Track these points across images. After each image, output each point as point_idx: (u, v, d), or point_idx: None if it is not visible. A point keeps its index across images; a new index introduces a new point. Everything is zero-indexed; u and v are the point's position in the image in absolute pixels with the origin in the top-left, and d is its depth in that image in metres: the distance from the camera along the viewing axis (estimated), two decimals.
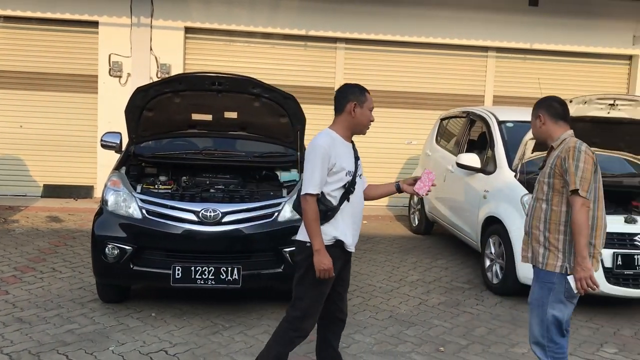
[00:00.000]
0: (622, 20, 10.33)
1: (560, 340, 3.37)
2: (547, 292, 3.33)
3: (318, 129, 10.75)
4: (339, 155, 3.32)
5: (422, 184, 3.61)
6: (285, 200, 5.07)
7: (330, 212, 3.32)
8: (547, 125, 3.47)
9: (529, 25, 10.13)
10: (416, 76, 10.25)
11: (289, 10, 9.71)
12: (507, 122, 6.85)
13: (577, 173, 3.21)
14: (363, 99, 3.41)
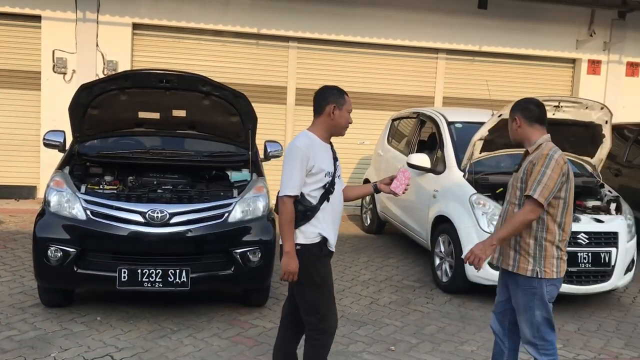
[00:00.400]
0: (567, 25, 10.64)
1: (552, 338, 3.47)
2: (532, 296, 3.40)
3: (271, 128, 10.88)
4: (317, 157, 3.31)
5: (398, 183, 3.58)
6: (235, 200, 5.00)
7: (309, 212, 3.31)
8: (522, 128, 3.47)
9: (478, 28, 10.32)
10: (368, 77, 10.30)
11: (241, 8, 9.59)
12: (456, 122, 6.95)
13: (540, 179, 3.24)
14: (342, 101, 3.40)
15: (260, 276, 5.02)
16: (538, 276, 3.35)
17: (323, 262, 3.37)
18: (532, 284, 3.38)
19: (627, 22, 10.79)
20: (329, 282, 3.42)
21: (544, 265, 3.35)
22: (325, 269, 3.39)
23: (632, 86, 11.04)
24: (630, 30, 10.84)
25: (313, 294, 3.35)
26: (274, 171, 9.48)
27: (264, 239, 4.95)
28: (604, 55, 10.87)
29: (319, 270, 3.34)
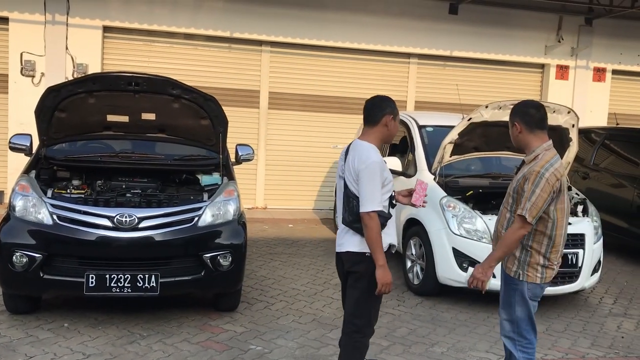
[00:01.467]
0: (535, 31, 10.83)
1: (531, 336, 3.53)
2: (513, 292, 3.50)
3: (244, 132, 10.82)
4: (386, 168, 3.42)
5: (417, 195, 3.67)
6: (206, 204, 4.96)
7: (386, 222, 3.40)
8: (523, 135, 3.44)
9: (449, 34, 10.44)
10: (341, 81, 10.34)
11: (213, 11, 9.56)
12: (427, 126, 7.02)
13: (531, 198, 3.27)
14: (396, 111, 3.50)
15: (231, 280, 4.99)
16: (520, 278, 3.45)
17: None
18: (514, 281, 3.49)
19: (594, 28, 11.03)
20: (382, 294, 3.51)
21: (527, 269, 3.43)
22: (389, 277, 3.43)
23: (599, 91, 11.29)
24: (596, 36, 11.08)
25: (372, 300, 3.47)
26: (245, 175, 9.49)
27: (234, 242, 4.92)
28: (572, 60, 11.09)
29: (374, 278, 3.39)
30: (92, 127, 5.56)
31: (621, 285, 6.85)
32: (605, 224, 6.88)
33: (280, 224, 9.23)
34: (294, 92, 10.19)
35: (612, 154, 8.64)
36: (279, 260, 7.07)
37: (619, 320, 5.68)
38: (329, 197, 9.93)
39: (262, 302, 5.57)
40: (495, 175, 6.56)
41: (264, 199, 10.20)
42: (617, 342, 5.10)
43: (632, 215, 7.82)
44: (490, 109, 5.71)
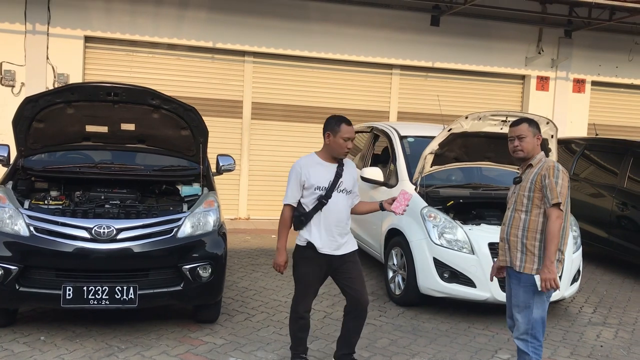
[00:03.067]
0: (516, 43, 10.97)
1: (541, 338, 3.86)
2: (532, 294, 3.78)
3: (227, 142, 10.82)
4: (311, 174, 3.99)
5: (398, 204, 4.03)
6: (185, 215, 4.93)
7: (303, 218, 4.02)
8: (538, 147, 3.88)
9: (430, 45, 10.53)
10: (324, 91, 10.38)
11: (196, 22, 9.56)
12: (408, 137, 7.05)
13: (558, 189, 3.66)
14: (336, 130, 3.98)
15: (210, 292, 4.95)
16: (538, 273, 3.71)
17: (304, 262, 4.08)
18: (533, 281, 3.74)
19: (573, 40, 11.19)
20: (308, 280, 4.10)
21: (543, 264, 3.69)
22: (305, 268, 4.08)
23: (579, 102, 11.43)
24: (576, 48, 11.23)
25: (295, 284, 4.18)
26: (228, 185, 9.47)
27: (214, 254, 4.89)
28: (552, 72, 11.23)
29: (300, 267, 4.11)
30: (70, 138, 5.52)
31: (600, 295, 6.90)
32: (584, 233, 6.96)
33: (263, 234, 9.20)
34: (277, 103, 10.20)
35: (592, 164, 8.74)
36: (260, 272, 7.04)
37: (598, 329, 5.72)
38: None
39: (242, 314, 5.53)
40: (475, 186, 6.59)
41: (247, 210, 10.17)
42: (596, 351, 5.14)
43: (611, 224, 7.91)
44: (470, 119, 5.76)
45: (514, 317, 3.96)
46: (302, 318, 4.19)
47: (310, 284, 4.13)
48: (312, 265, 4.08)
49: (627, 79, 11.64)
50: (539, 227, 3.76)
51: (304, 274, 4.11)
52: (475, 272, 5.56)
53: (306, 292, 4.15)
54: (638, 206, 7.60)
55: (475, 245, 5.61)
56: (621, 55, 11.41)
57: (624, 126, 11.84)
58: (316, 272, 4.10)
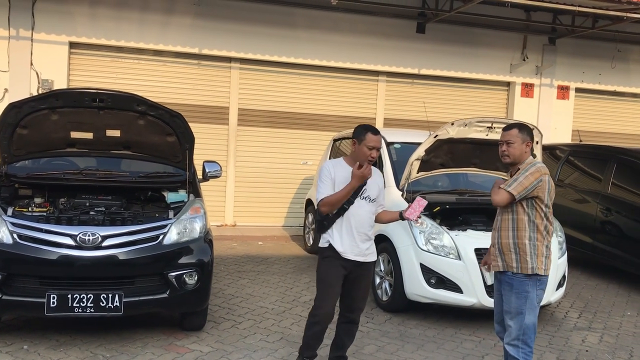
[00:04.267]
0: (501, 50, 11.06)
1: (532, 345, 3.93)
2: (524, 300, 3.85)
3: (213, 149, 10.76)
4: (337, 177, 4.04)
5: (412, 210, 4.07)
6: (171, 222, 4.89)
7: (326, 222, 4.07)
8: (527, 153, 3.97)
9: (416, 52, 10.59)
10: (311, 98, 10.38)
11: (181, 28, 9.53)
12: (394, 143, 7.07)
13: (518, 179, 3.82)
14: (362, 138, 4.04)
15: (197, 299, 4.91)
16: (535, 273, 3.83)
17: (326, 263, 4.10)
18: (525, 287, 3.84)
19: (557, 47, 11.31)
20: (329, 280, 4.08)
21: (536, 262, 3.84)
22: (327, 270, 4.09)
23: (563, 108, 11.54)
24: (560, 55, 11.35)
25: (317, 284, 4.18)
26: (214, 192, 9.43)
27: (200, 261, 4.86)
28: (537, 78, 11.33)
29: (322, 267, 4.13)
30: (55, 144, 5.45)
31: (586, 300, 6.95)
32: (569, 239, 7.01)
33: (250, 241, 9.16)
34: (264, 109, 10.19)
35: (576, 170, 8.82)
36: (247, 278, 7.01)
37: (583, 334, 5.75)
38: (299, 214, 9.91)
39: (229, 321, 5.50)
40: (461, 192, 6.63)
41: (234, 216, 10.13)
42: (581, 356, 5.17)
43: (596, 230, 7.98)
44: (456, 126, 5.79)
45: (505, 323, 3.97)
46: (321, 322, 4.13)
47: (332, 283, 4.09)
48: (334, 266, 4.08)
49: (610, 85, 11.77)
50: (526, 225, 3.86)
51: (325, 273, 4.11)
52: (461, 278, 5.57)
53: (327, 292, 4.10)
54: (622, 212, 7.68)
55: (461, 251, 5.62)
56: (604, 62, 11.55)
57: (608, 132, 11.96)
58: (338, 273, 4.09)
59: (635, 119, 12.25)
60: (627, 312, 6.58)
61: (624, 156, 8.02)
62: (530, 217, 3.85)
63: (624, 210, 7.64)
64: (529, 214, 3.85)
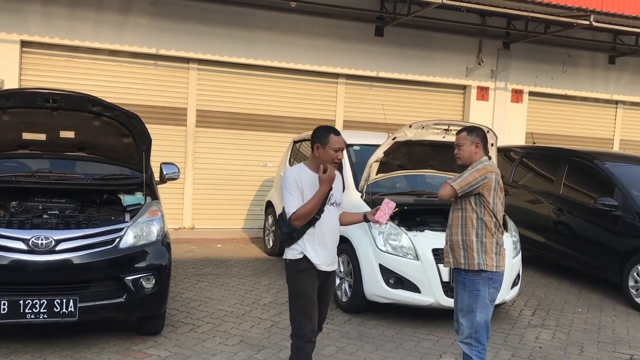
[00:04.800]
0: (457, 54, 11.26)
1: (485, 342, 4.00)
2: (475, 298, 3.94)
3: (170, 150, 10.62)
4: (304, 186, 3.78)
5: (381, 213, 3.95)
6: (127, 225, 4.81)
7: (295, 234, 3.79)
8: (478, 154, 4.06)
9: (375, 55, 10.68)
10: (270, 99, 10.35)
11: (138, 28, 9.37)
12: (354, 145, 7.12)
13: (464, 174, 3.93)
14: (326, 142, 3.80)
15: (154, 303, 4.84)
16: (482, 268, 3.92)
17: (302, 275, 3.80)
18: (477, 286, 3.94)
19: (512, 52, 11.59)
20: (308, 294, 3.81)
21: (484, 258, 3.92)
22: (304, 283, 3.80)
23: (517, 111, 11.83)
24: (514, 59, 11.63)
25: (291, 303, 3.87)
26: (172, 194, 9.31)
27: (158, 264, 4.80)
28: (492, 82, 11.58)
29: (298, 282, 3.82)
30: (6, 146, 5.30)
31: (539, 298, 7.14)
32: (523, 238, 7.19)
33: (209, 244, 9.08)
34: (223, 110, 10.10)
35: (530, 172, 9.05)
36: (206, 282, 6.94)
37: (537, 331, 5.91)
38: (258, 216, 9.86)
39: (187, 325, 5.43)
40: (419, 193, 6.71)
41: (192, 219, 10.01)
42: (535, 353, 5.30)
43: (549, 230, 8.20)
44: (414, 128, 5.87)
45: (459, 321, 4.05)
46: (310, 342, 3.80)
47: (312, 298, 3.80)
48: (311, 278, 3.81)
49: (561, 89, 12.12)
50: (474, 222, 3.96)
51: (303, 289, 3.79)
52: (419, 278, 5.65)
53: (310, 308, 3.79)
54: (573, 212, 7.92)
55: (419, 251, 5.70)
56: (556, 67, 11.89)
57: (560, 135, 12.32)
58: (315, 285, 3.83)
59: (585, 122, 12.65)
60: (578, 309, 6.78)
61: (575, 158, 8.28)
62: (478, 214, 3.95)
63: (575, 211, 7.88)
64: (477, 212, 3.96)
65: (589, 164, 8.01)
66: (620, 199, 7.24)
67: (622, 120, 12.94)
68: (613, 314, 6.64)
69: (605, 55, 12.36)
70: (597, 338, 5.80)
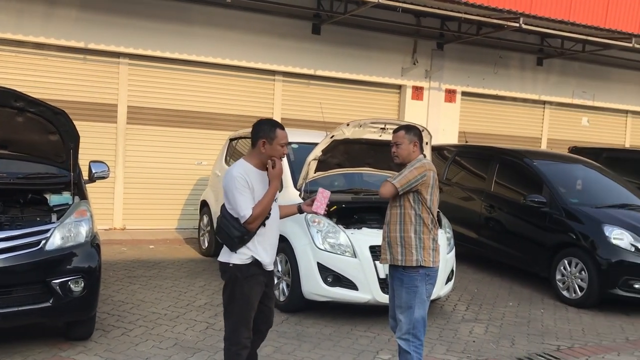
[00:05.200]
0: (393, 54, 11.40)
1: (422, 338, 4.05)
2: (414, 295, 3.98)
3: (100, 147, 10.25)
4: (254, 185, 3.61)
5: (319, 203, 3.93)
6: (54, 226, 4.59)
7: (246, 237, 3.62)
8: (415, 153, 4.11)
9: (312, 53, 10.67)
10: (205, 96, 10.16)
11: (66, 20, 8.97)
12: (292, 143, 7.04)
13: (404, 172, 3.98)
14: (273, 137, 3.66)
15: (84, 307, 4.64)
16: (421, 265, 3.96)
17: (249, 282, 3.65)
18: (415, 282, 3.98)
19: (445, 52, 11.84)
20: (252, 301, 3.68)
21: (422, 254, 3.98)
22: (250, 289, 3.65)
23: (450, 111, 12.10)
24: (447, 60, 11.89)
25: (231, 307, 3.70)
26: (101, 194, 8.99)
27: (87, 266, 4.61)
28: (426, 82, 11.79)
29: (243, 288, 3.65)
30: None
31: (472, 293, 7.32)
32: (457, 234, 7.34)
33: (141, 245, 8.81)
34: (156, 107, 9.83)
35: (462, 170, 9.27)
36: (138, 284, 6.72)
37: (470, 325, 6.05)
38: (193, 216, 9.66)
39: (119, 329, 5.24)
40: (357, 191, 6.74)
41: (123, 219, 9.68)
42: (469, 347, 5.42)
43: (481, 226, 8.43)
44: (352, 127, 5.88)
45: (396, 318, 4.08)
46: (246, 347, 3.69)
47: (253, 306, 3.69)
48: (258, 284, 3.69)
49: (493, 90, 12.49)
50: (412, 219, 4.01)
51: (247, 296, 3.65)
52: (357, 275, 5.67)
53: (250, 315, 3.69)
54: (503, 208, 8.16)
55: (357, 248, 5.72)
56: (487, 67, 12.24)
57: (491, 134, 12.70)
58: (259, 292, 3.71)
59: (515, 121, 13.10)
60: (510, 302, 7.00)
61: (505, 156, 8.54)
62: (416, 211, 4.00)
63: (506, 207, 8.13)
64: (415, 208, 4.00)
65: (519, 162, 8.28)
66: (548, 196, 7.52)
67: (549, 120, 13.49)
68: (542, 307, 6.89)
69: (534, 57, 12.84)
70: (527, 330, 6.00)
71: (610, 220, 7.03)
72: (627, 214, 7.33)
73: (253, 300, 3.69)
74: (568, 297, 7.05)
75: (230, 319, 3.70)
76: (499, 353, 5.31)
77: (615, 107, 14.00)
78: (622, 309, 6.91)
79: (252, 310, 3.69)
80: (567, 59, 12.97)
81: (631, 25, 11.58)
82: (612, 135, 14.30)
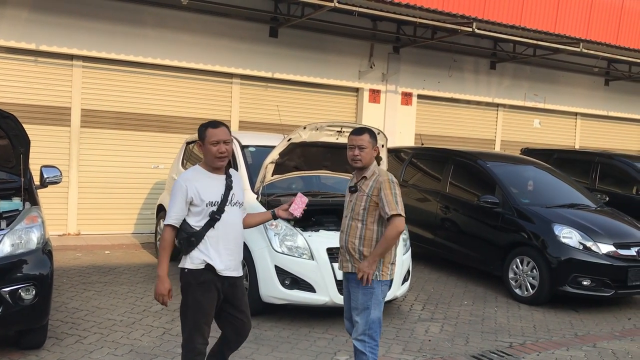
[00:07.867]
0: (350, 57, 11.50)
1: (378, 338, 4.07)
2: (370, 296, 4.00)
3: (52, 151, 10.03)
4: (200, 189, 3.59)
5: (296, 206, 4.02)
6: (4, 232, 4.47)
7: (193, 238, 3.58)
8: (374, 158, 4.08)
9: (270, 56, 10.67)
10: (161, 99, 10.04)
11: (16, 21, 8.75)
12: (249, 146, 7.06)
13: (396, 200, 3.91)
14: (203, 136, 3.64)
15: (35, 315, 4.54)
16: (378, 279, 3.98)
17: (202, 288, 3.60)
18: (372, 285, 3.98)
19: (401, 56, 12.01)
20: (204, 307, 3.62)
21: (382, 269, 3.99)
22: (202, 295, 3.60)
23: (406, 114, 12.27)
24: (403, 63, 12.06)
25: (184, 314, 3.66)
26: (55, 199, 8.79)
27: (38, 273, 4.50)
28: (383, 85, 11.93)
29: (195, 294, 3.60)
30: None
31: (428, 292, 7.45)
32: (413, 235, 7.47)
33: (96, 250, 8.65)
34: (111, 110, 9.66)
35: (419, 171, 9.42)
36: (93, 290, 6.60)
37: (426, 324, 6.15)
38: (150, 220, 9.54)
39: (73, 336, 5.14)
40: (314, 193, 6.78)
41: (77, 225, 9.48)
42: (425, 346, 5.52)
43: (437, 226, 8.58)
44: (308, 130, 5.91)
45: (352, 319, 4.12)
46: (201, 354, 3.65)
47: (207, 312, 3.63)
48: (210, 291, 3.60)
49: (447, 93, 12.74)
50: (374, 235, 3.99)
51: (199, 302, 3.59)
52: (314, 277, 5.71)
53: (203, 322, 3.63)
54: (458, 209, 8.33)
55: (314, 251, 5.76)
56: (442, 71, 12.47)
57: (446, 136, 12.94)
58: (214, 298, 3.64)
59: (469, 124, 13.37)
60: (465, 301, 7.15)
61: (460, 158, 8.72)
62: (379, 227, 3.99)
63: (460, 208, 8.30)
64: (378, 223, 3.99)
65: (472, 164, 8.47)
66: (500, 197, 7.71)
67: (502, 122, 13.83)
68: (495, 305, 7.06)
69: (487, 60, 13.14)
70: (481, 329, 6.14)
71: (559, 220, 7.26)
72: (576, 214, 7.59)
73: (206, 307, 3.62)
74: (520, 295, 7.25)
75: (186, 326, 3.66)
76: (453, 351, 5.42)
77: (566, 109, 14.45)
78: (572, 305, 7.15)
79: (205, 316, 3.64)
80: (519, 62, 13.33)
81: (579, 30, 12.01)
82: (562, 137, 14.76)
